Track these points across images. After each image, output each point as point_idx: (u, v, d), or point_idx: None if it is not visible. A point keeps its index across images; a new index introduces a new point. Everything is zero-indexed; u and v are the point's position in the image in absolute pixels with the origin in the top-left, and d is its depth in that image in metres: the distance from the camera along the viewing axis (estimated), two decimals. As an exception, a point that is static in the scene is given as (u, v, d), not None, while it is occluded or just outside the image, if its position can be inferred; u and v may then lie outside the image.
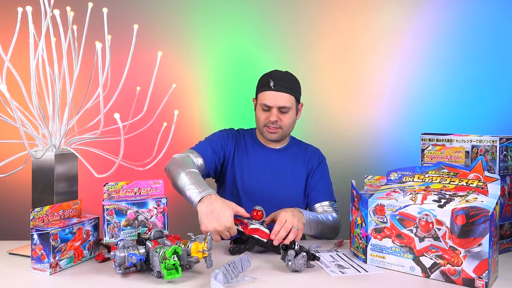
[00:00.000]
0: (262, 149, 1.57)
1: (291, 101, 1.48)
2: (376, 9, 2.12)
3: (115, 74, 1.34)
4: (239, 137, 1.59)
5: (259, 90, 1.51)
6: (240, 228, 1.21)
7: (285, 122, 1.48)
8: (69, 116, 1.25)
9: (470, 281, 0.98)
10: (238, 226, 1.21)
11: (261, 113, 1.49)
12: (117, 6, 2.00)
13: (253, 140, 1.59)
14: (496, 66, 2.09)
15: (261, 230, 1.21)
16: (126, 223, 1.15)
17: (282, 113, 1.47)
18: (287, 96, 1.46)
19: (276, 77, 1.47)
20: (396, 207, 1.08)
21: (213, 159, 1.49)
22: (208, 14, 2.11)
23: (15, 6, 1.23)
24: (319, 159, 1.59)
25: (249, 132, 1.63)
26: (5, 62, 1.18)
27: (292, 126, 1.53)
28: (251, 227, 1.21)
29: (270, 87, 1.45)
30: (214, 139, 1.54)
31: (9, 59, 1.18)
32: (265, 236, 1.21)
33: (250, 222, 1.22)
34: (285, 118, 1.48)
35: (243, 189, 1.51)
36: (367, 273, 1.08)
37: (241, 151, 1.56)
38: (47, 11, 1.21)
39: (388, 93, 2.14)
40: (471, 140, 1.27)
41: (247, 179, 1.52)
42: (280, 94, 1.45)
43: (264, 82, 1.49)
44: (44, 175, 1.21)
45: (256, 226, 1.22)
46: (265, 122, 1.48)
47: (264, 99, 1.46)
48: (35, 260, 1.05)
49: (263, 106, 1.47)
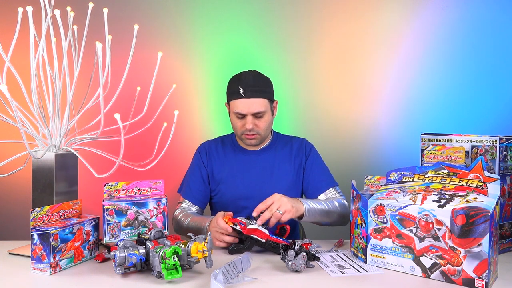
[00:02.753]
0: (244, 153, 1.55)
1: (265, 105, 1.44)
2: (376, 9, 2.12)
3: (115, 74, 1.34)
4: (211, 151, 1.58)
5: (230, 98, 1.47)
6: (238, 228, 1.20)
7: (262, 127, 1.46)
8: (69, 116, 1.25)
9: (470, 281, 0.98)
10: (237, 226, 1.21)
11: (236, 121, 1.47)
12: (117, 6, 2.01)
13: (234, 146, 1.58)
14: (496, 66, 2.09)
15: (260, 230, 1.21)
16: (126, 223, 1.15)
17: (257, 118, 1.44)
18: (259, 101, 1.42)
19: (245, 83, 1.42)
20: (396, 207, 1.08)
21: (206, 193, 1.56)
22: (208, 14, 2.11)
23: (15, 6, 1.23)
24: (305, 151, 1.56)
25: (228, 138, 1.61)
26: (6, 62, 1.19)
27: (269, 128, 1.51)
28: (250, 227, 1.21)
29: (241, 94, 1.41)
30: (194, 173, 1.56)
31: (10, 59, 1.18)
32: (264, 236, 1.21)
33: (249, 222, 1.22)
34: (261, 123, 1.45)
35: (234, 196, 1.51)
36: (367, 273, 1.08)
37: (220, 161, 1.56)
38: (47, 11, 1.22)
39: (388, 93, 2.13)
40: (471, 140, 1.27)
41: (233, 186, 1.51)
42: (252, 101, 1.41)
43: (233, 89, 1.44)
44: (44, 175, 1.21)
45: (254, 226, 1.22)
46: (242, 130, 1.46)
47: (236, 108, 1.43)
48: (35, 260, 1.05)
49: (237, 115, 1.44)
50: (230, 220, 1.21)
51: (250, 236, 1.21)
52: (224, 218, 1.22)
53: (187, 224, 1.41)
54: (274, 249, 1.20)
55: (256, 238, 1.20)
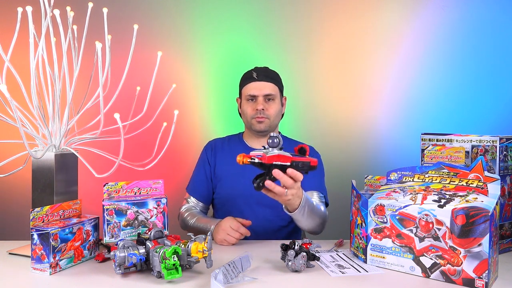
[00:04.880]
0: (249, 151, 1.54)
1: (276, 90, 1.53)
2: (376, 9, 2.12)
3: (115, 74, 1.34)
4: (217, 147, 1.62)
5: (243, 85, 1.55)
6: (257, 160, 1.05)
7: (272, 111, 1.51)
8: (69, 116, 1.25)
9: (470, 281, 0.98)
10: (255, 159, 1.05)
11: (247, 105, 1.53)
12: (117, 6, 2.01)
13: (240, 143, 1.61)
14: (496, 66, 2.09)
15: (281, 154, 1.06)
16: (126, 223, 1.15)
17: (268, 101, 1.51)
18: (271, 85, 1.52)
19: (258, 70, 1.54)
20: (396, 207, 1.08)
21: (209, 190, 1.58)
22: (208, 14, 2.11)
23: (15, 6, 1.23)
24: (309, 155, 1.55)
25: (235, 137, 1.65)
26: (5, 62, 1.18)
27: (278, 117, 1.55)
28: (270, 154, 1.05)
29: (254, 78, 1.52)
30: (199, 170, 1.61)
31: (9, 59, 1.18)
32: (287, 160, 1.07)
33: (266, 151, 1.06)
34: (271, 107, 1.51)
35: (234, 193, 1.51)
36: (367, 273, 1.08)
37: (224, 157, 1.58)
38: (47, 11, 1.21)
39: (388, 93, 2.14)
40: (471, 140, 1.27)
41: (234, 183, 1.52)
42: (264, 83, 1.51)
43: (246, 76, 1.55)
44: (44, 175, 1.21)
45: (274, 152, 1.06)
46: (252, 114, 1.51)
47: (249, 90, 1.51)
48: (35, 260, 1.05)
49: (248, 97, 1.52)
50: (245, 156, 1.06)
51: (272, 164, 1.05)
52: (238, 156, 1.07)
53: (192, 224, 1.47)
54: (302, 168, 1.09)
55: (280, 164, 1.06)
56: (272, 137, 1.07)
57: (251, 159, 1.05)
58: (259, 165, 1.05)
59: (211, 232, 1.33)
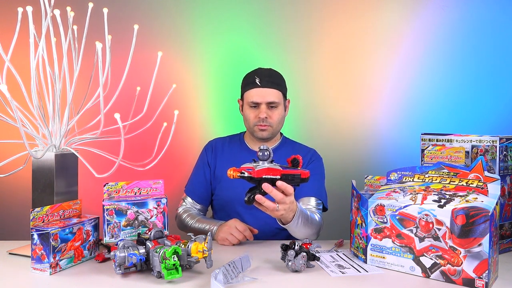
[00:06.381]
0: (249, 152, 1.55)
1: (279, 97, 1.47)
2: (376, 9, 2.12)
3: (115, 74, 1.34)
4: (217, 147, 1.59)
5: (245, 89, 1.50)
6: (247, 174, 1.05)
7: (275, 119, 1.47)
8: (69, 116, 1.25)
9: (470, 281, 0.98)
10: (244, 173, 1.06)
11: (250, 112, 1.48)
12: (117, 6, 2.00)
13: (241, 144, 1.58)
14: (496, 66, 2.09)
15: (270, 168, 1.06)
16: (126, 223, 1.15)
17: (271, 108, 1.47)
18: (274, 92, 1.46)
19: (261, 74, 1.47)
20: (396, 207, 1.08)
21: (208, 191, 1.56)
22: (208, 14, 2.11)
23: (15, 6, 1.23)
24: (310, 158, 1.55)
25: (236, 137, 1.62)
26: (5, 62, 1.19)
27: (281, 123, 1.52)
28: (258, 168, 1.05)
29: (257, 84, 1.45)
30: (198, 171, 1.58)
31: (9, 59, 1.18)
32: (277, 173, 1.06)
33: (255, 165, 1.07)
34: (274, 114, 1.47)
35: (233, 195, 1.49)
36: (367, 273, 1.08)
37: (224, 158, 1.56)
38: (47, 11, 1.21)
39: (388, 93, 2.13)
40: (471, 140, 1.27)
41: (237, 186, 1.47)
42: (267, 90, 1.45)
43: (249, 80, 1.48)
44: (44, 175, 1.21)
45: (263, 166, 1.06)
46: (255, 121, 1.48)
47: (251, 97, 1.46)
48: (35, 260, 1.05)
49: (251, 104, 1.47)
50: (235, 170, 1.07)
51: (262, 178, 1.06)
52: (229, 170, 1.07)
53: (192, 225, 1.45)
54: (292, 181, 1.08)
55: (270, 178, 1.06)
56: (262, 149, 1.07)
57: (241, 173, 1.06)
58: (249, 179, 1.06)
59: (211, 232, 1.34)
